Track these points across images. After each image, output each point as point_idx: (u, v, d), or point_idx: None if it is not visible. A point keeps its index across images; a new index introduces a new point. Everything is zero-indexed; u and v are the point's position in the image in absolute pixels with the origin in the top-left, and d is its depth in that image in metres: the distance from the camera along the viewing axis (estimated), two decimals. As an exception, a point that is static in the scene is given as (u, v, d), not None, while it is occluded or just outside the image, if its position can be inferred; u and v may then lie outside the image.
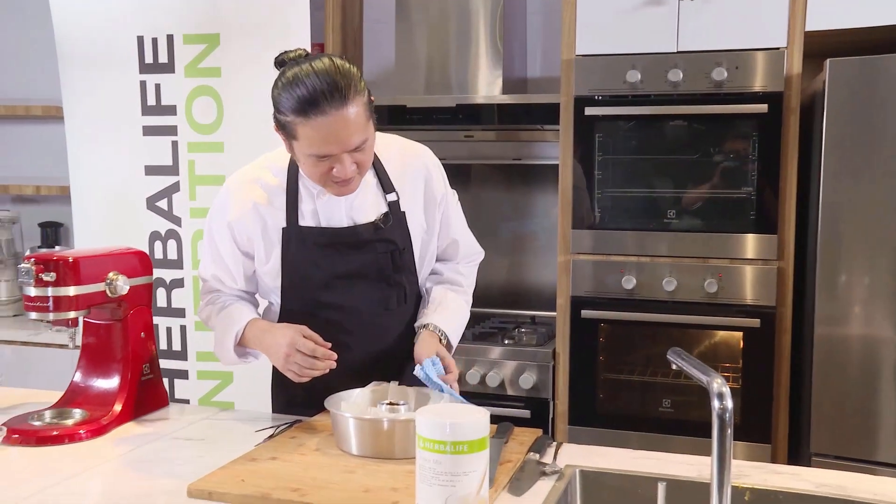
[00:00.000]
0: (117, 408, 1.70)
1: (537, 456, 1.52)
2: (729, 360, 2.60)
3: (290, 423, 1.69)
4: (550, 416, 2.72)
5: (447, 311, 1.78)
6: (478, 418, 1.12)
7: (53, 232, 3.59)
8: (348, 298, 1.72)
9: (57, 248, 3.50)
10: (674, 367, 1.23)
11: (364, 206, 1.71)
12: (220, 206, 1.74)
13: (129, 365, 1.75)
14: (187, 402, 2.77)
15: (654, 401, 2.63)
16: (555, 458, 1.53)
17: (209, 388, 2.79)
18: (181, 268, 2.74)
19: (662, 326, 2.60)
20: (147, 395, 1.79)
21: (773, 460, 2.48)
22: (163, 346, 2.80)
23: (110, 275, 1.69)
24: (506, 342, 2.82)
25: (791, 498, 1.35)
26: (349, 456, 1.48)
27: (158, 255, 2.74)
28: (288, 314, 1.75)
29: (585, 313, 2.63)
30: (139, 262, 1.79)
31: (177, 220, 2.70)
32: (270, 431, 1.64)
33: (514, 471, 1.43)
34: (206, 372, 2.77)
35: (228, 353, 1.73)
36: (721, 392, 1.09)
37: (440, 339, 1.72)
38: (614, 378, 2.68)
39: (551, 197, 3.21)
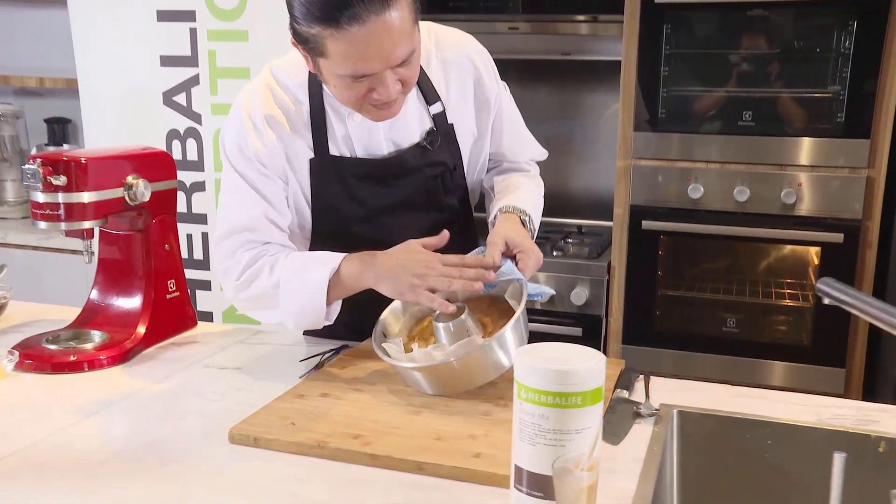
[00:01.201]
0: (140, 330, 1.50)
1: (626, 393, 1.31)
2: (799, 276, 2.38)
3: (335, 349, 1.49)
4: (603, 334, 2.53)
5: (518, 190, 1.52)
6: (593, 363, 0.90)
7: (61, 129, 3.34)
8: (394, 232, 1.46)
9: (65, 146, 3.26)
10: (826, 301, 0.99)
11: (406, 124, 1.44)
12: (236, 142, 1.40)
13: (152, 281, 1.54)
14: (210, 315, 2.59)
15: (718, 320, 2.42)
16: (647, 395, 1.32)
17: (235, 300, 2.60)
18: (202, 170, 2.51)
19: (731, 240, 2.37)
20: (173, 315, 1.59)
21: (847, 386, 2.30)
22: (183, 254, 2.60)
23: (129, 178, 1.46)
24: (554, 254, 2.60)
25: (943, 454, 1.15)
26: (411, 391, 1.28)
27: (177, 155, 2.50)
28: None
29: (647, 224, 2.40)
30: (162, 164, 1.56)
31: (196, 118, 2.45)
32: (315, 361, 1.44)
33: (605, 412, 1.23)
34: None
35: (317, 310, 1.34)
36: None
37: (521, 221, 1.44)
38: (673, 294, 2.47)
39: (604, 96, 2.93)
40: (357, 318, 1.43)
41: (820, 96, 2.23)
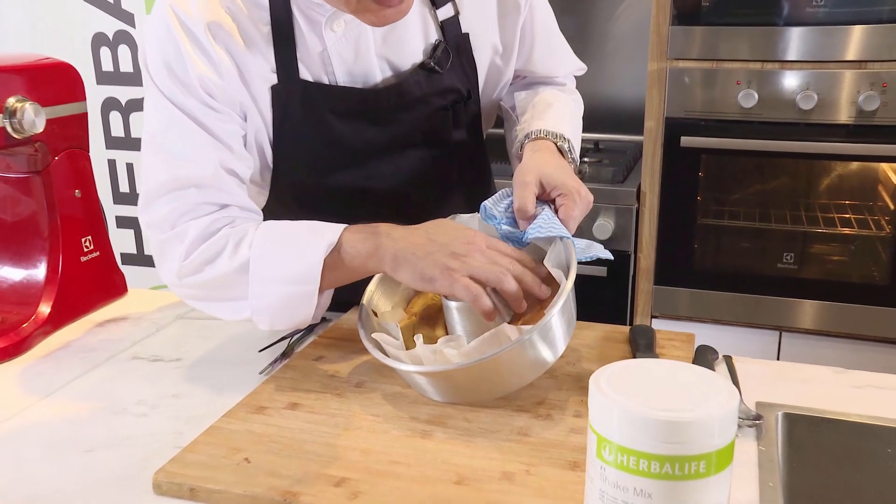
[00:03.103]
0: (44, 309, 1.17)
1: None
2: (872, 200, 2.06)
3: (302, 331, 1.17)
4: (631, 273, 2.21)
5: (550, 108, 1.17)
6: (721, 402, 0.58)
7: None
8: (383, 178, 1.14)
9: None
10: None
11: (405, 36, 1.09)
12: (165, 61, 1.00)
13: (58, 240, 1.21)
14: (151, 260, 2.26)
15: (771, 254, 2.11)
16: (738, 391, 1.01)
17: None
18: (139, 84, 2.13)
19: (791, 158, 2.04)
20: (91, 282, 1.26)
21: (929, 331, 2.01)
22: (123, 187, 2.24)
23: (10, 101, 1.10)
24: (571, 178, 2.26)
25: None
26: (414, 395, 0.96)
27: (107, 66, 2.13)
28: (279, 211, 1.13)
29: (686, 141, 2.06)
30: (62, 81, 1.20)
31: (128, 18, 2.07)
32: (280, 349, 1.11)
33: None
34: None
35: (306, 303, 0.98)
36: None
37: (559, 149, 1.10)
38: (717, 225, 2.16)
39: (625, -17, 2.55)
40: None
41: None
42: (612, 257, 1.00)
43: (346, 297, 1.14)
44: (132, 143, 2.21)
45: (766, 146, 2.01)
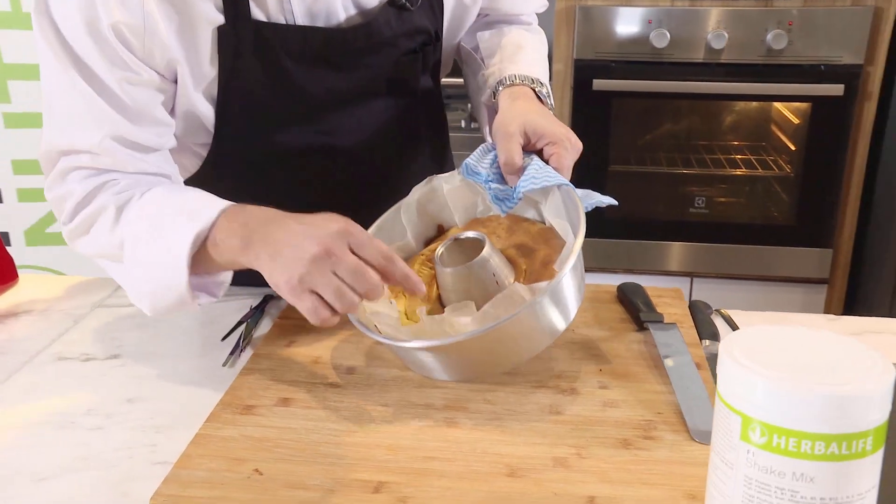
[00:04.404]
0: (-68, 307, 1.01)
1: (717, 347, 0.98)
2: (770, 139, 2.14)
3: (255, 306, 1.07)
4: (542, 226, 2.20)
5: (521, 51, 1.11)
6: (880, 370, 0.55)
7: None
8: (347, 133, 1.05)
9: None
10: None
11: None
12: (82, 10, 0.86)
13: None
14: (6, 237, 2.05)
15: (683, 199, 2.16)
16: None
17: (41, 214, 2.06)
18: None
19: (703, 99, 2.07)
20: (-19, 271, 1.09)
21: (833, 268, 2.11)
22: None
23: None
24: (473, 125, 2.21)
25: None
26: (418, 379, 0.89)
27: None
28: (224, 176, 1.02)
29: (599, 84, 2.05)
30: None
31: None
32: (239, 333, 1.01)
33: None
34: (27, 191, 2.04)
35: (176, 291, 0.87)
36: None
37: (537, 95, 1.04)
38: (628, 171, 2.18)
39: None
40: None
41: None
42: (615, 202, 0.96)
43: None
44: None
45: (681, 87, 2.03)
